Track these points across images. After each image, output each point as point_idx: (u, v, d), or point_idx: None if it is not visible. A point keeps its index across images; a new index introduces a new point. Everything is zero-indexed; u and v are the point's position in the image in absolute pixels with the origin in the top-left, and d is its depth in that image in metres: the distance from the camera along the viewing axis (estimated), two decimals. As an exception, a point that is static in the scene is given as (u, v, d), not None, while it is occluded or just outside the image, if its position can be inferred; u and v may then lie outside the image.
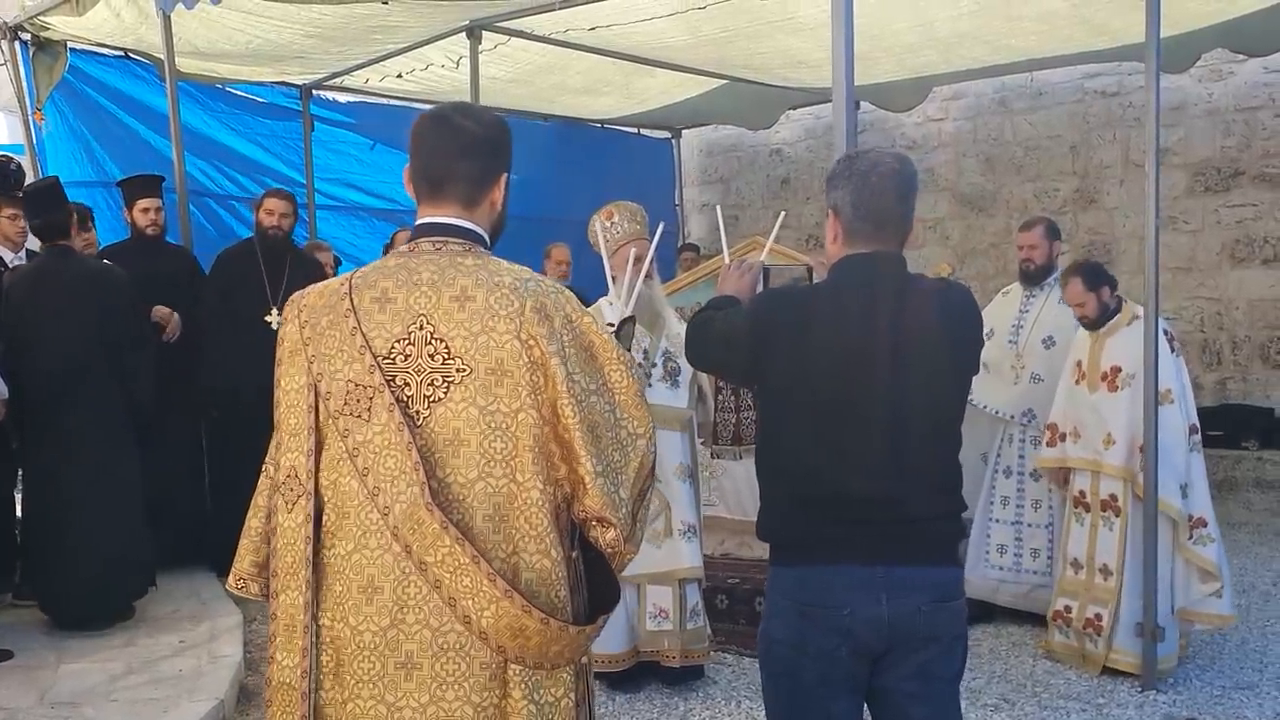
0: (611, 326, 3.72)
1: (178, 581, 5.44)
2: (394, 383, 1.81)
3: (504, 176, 1.96)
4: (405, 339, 1.83)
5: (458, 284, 1.83)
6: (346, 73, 7.57)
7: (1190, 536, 4.37)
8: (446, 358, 1.81)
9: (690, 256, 8.55)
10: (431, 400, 1.81)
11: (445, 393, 1.81)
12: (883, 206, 2.28)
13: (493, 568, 1.75)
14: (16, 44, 6.34)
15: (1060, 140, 8.67)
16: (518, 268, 1.90)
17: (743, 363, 2.41)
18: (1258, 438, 7.50)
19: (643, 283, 4.06)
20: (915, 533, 2.24)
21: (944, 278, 3.25)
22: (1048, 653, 4.75)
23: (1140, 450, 4.34)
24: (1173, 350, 4.48)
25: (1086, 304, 4.58)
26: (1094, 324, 4.61)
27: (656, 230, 4.28)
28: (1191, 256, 8.13)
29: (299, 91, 7.85)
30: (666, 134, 10.48)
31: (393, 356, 1.82)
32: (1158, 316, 4.30)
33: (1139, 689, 4.35)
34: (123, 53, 6.84)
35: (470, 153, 1.91)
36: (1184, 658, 4.59)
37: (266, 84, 7.69)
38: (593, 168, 9.11)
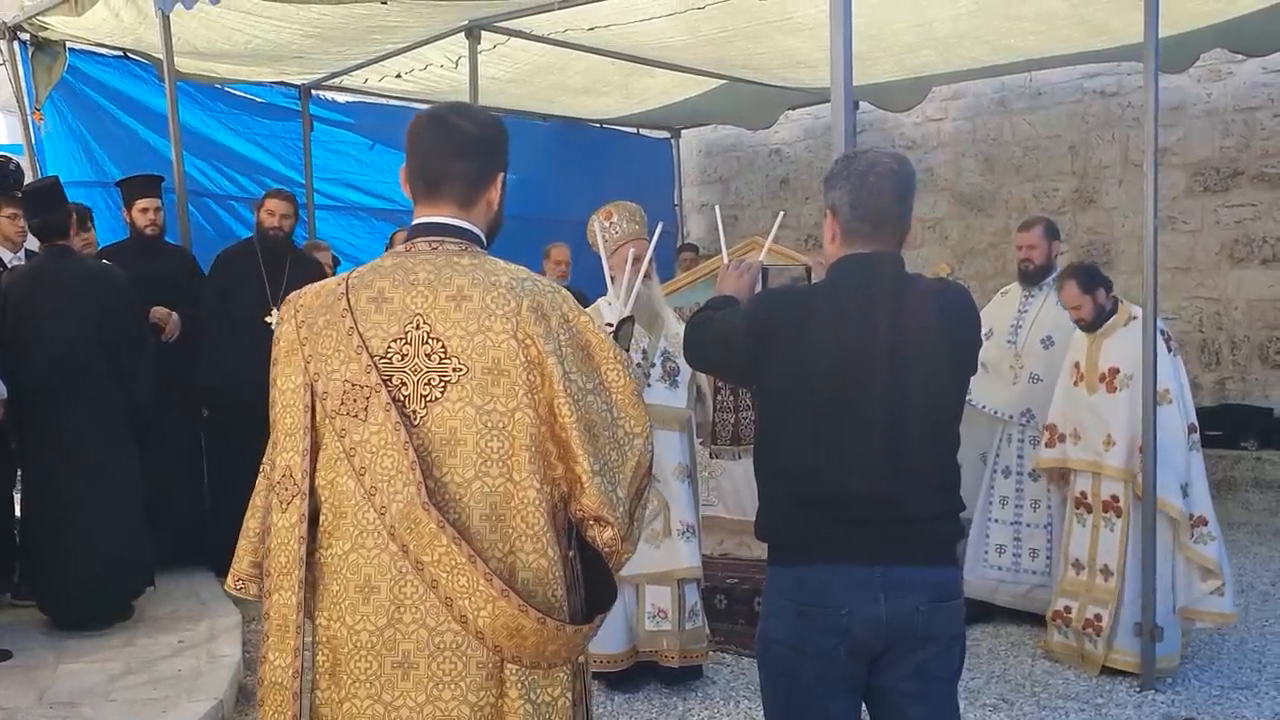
0: (610, 326, 3.72)
1: (177, 581, 5.44)
2: (391, 382, 1.82)
3: (500, 176, 1.97)
4: (402, 338, 1.83)
5: (454, 283, 1.83)
6: (345, 73, 7.57)
7: (1191, 535, 4.38)
8: (443, 357, 1.81)
9: (689, 256, 8.54)
10: (428, 400, 1.81)
11: (442, 392, 1.81)
12: (881, 206, 2.28)
13: (489, 567, 1.75)
14: (15, 44, 6.33)
15: (1059, 140, 8.67)
16: (514, 267, 1.90)
17: (741, 363, 2.40)
18: (1256, 438, 7.50)
19: (641, 283, 4.06)
20: (913, 533, 2.24)
21: (942, 278, 3.25)
22: (1047, 653, 4.75)
23: (1140, 451, 4.35)
24: (1169, 350, 4.49)
25: (1082, 306, 4.58)
26: (1091, 326, 4.61)
27: (655, 230, 4.28)
28: (1190, 256, 8.13)
29: (298, 91, 7.85)
30: (665, 134, 10.48)
31: (389, 356, 1.83)
32: (1156, 317, 4.30)
33: (1138, 689, 4.35)
34: (122, 53, 6.84)
35: (466, 153, 1.91)
36: (1183, 657, 4.59)
37: (265, 84, 7.69)
38: (592, 168, 9.10)
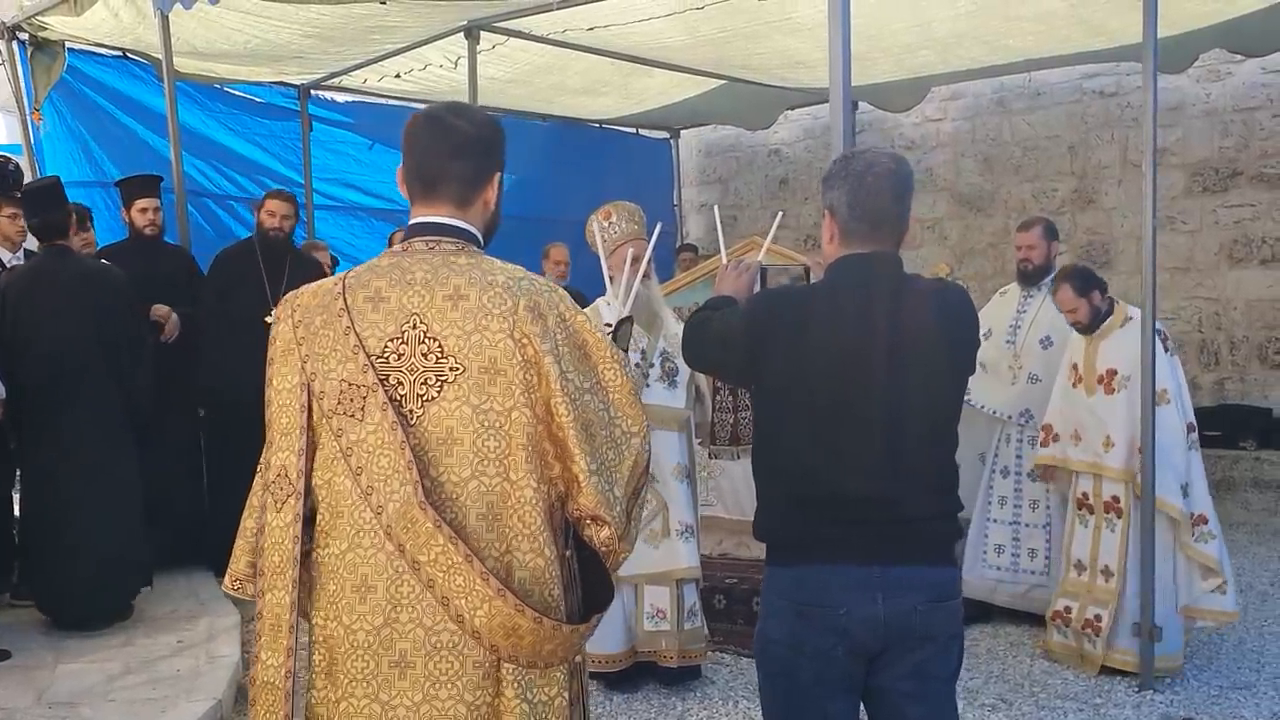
0: (609, 327, 3.73)
1: (176, 581, 5.44)
2: (387, 382, 1.81)
3: (497, 176, 1.97)
4: (399, 338, 1.83)
5: (451, 283, 1.83)
6: (345, 73, 7.57)
7: (1192, 534, 4.39)
8: (440, 356, 1.81)
9: (689, 257, 8.53)
10: (425, 399, 1.81)
11: (439, 391, 1.81)
12: (879, 206, 2.28)
13: (485, 567, 1.75)
14: (14, 44, 6.33)
15: (1058, 140, 8.67)
16: (511, 266, 1.90)
17: (739, 363, 2.40)
18: (1255, 438, 7.50)
19: (640, 283, 4.05)
20: (911, 533, 2.24)
21: (940, 278, 3.25)
22: (1046, 653, 4.75)
23: (1140, 451, 4.35)
24: (1166, 350, 4.49)
25: (1078, 310, 4.59)
26: (1087, 328, 4.62)
27: (654, 230, 4.28)
28: (1189, 257, 8.13)
29: (297, 91, 7.84)
30: (665, 134, 10.48)
31: (386, 355, 1.83)
32: (1155, 317, 4.30)
33: (1136, 689, 4.35)
34: (121, 53, 6.84)
35: (463, 152, 1.91)
36: (1184, 658, 4.59)
37: (265, 84, 7.68)
38: (591, 168, 9.10)
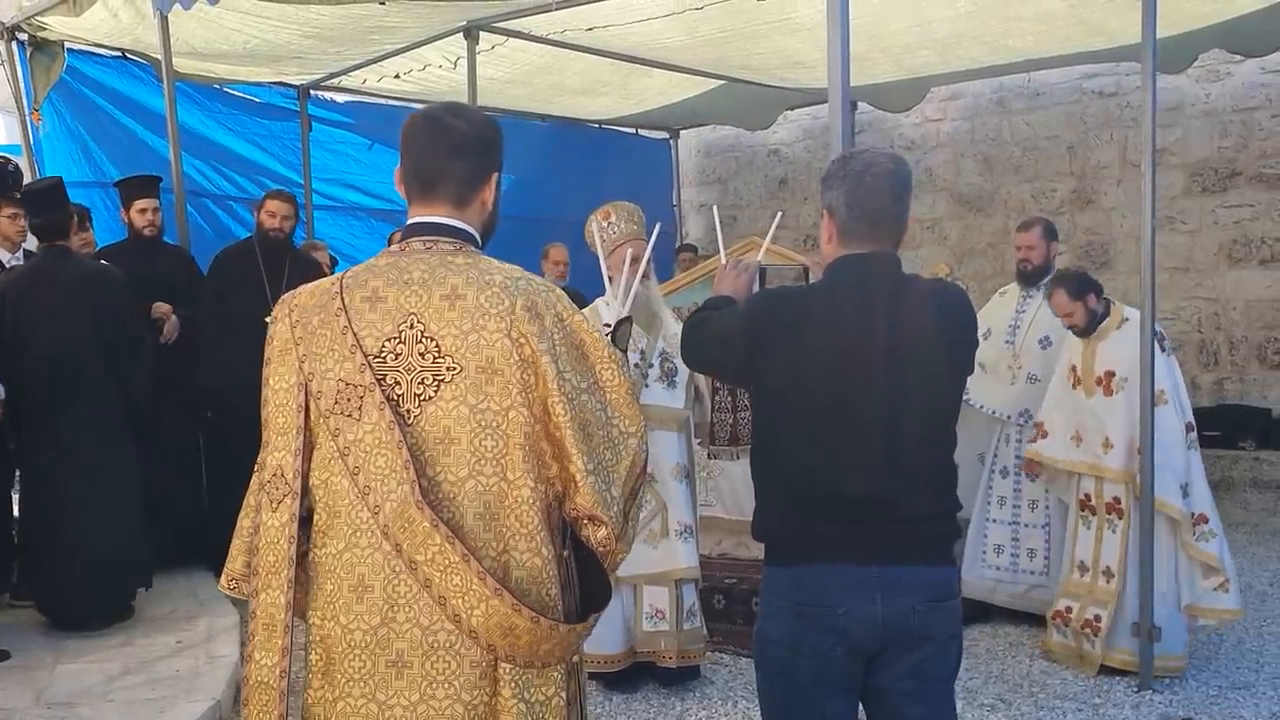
0: (608, 327, 3.73)
1: (175, 582, 5.44)
2: (385, 381, 1.81)
3: (495, 176, 1.97)
4: (396, 338, 1.83)
5: (448, 283, 1.83)
6: (344, 73, 7.56)
7: (1193, 534, 4.40)
8: (437, 356, 1.81)
9: (688, 257, 8.53)
10: (422, 399, 1.81)
11: (436, 391, 1.81)
12: (877, 207, 2.28)
13: (482, 566, 1.75)
14: (14, 44, 6.33)
15: (1058, 140, 8.67)
16: (508, 266, 1.90)
17: (738, 363, 2.40)
18: (1254, 438, 7.50)
19: (640, 283, 4.05)
20: (910, 533, 2.24)
21: (939, 278, 3.25)
22: (1045, 653, 4.75)
23: (1139, 452, 4.36)
24: (1163, 350, 4.49)
25: (1074, 313, 4.60)
26: (1084, 331, 4.63)
27: (653, 231, 4.28)
28: (1189, 257, 8.14)
29: (296, 92, 7.84)
30: (664, 134, 10.48)
31: (383, 355, 1.83)
32: (1154, 318, 4.30)
33: (1135, 689, 4.35)
34: (120, 53, 6.83)
35: (461, 152, 1.91)
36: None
37: (264, 84, 7.68)
38: (590, 168, 9.11)
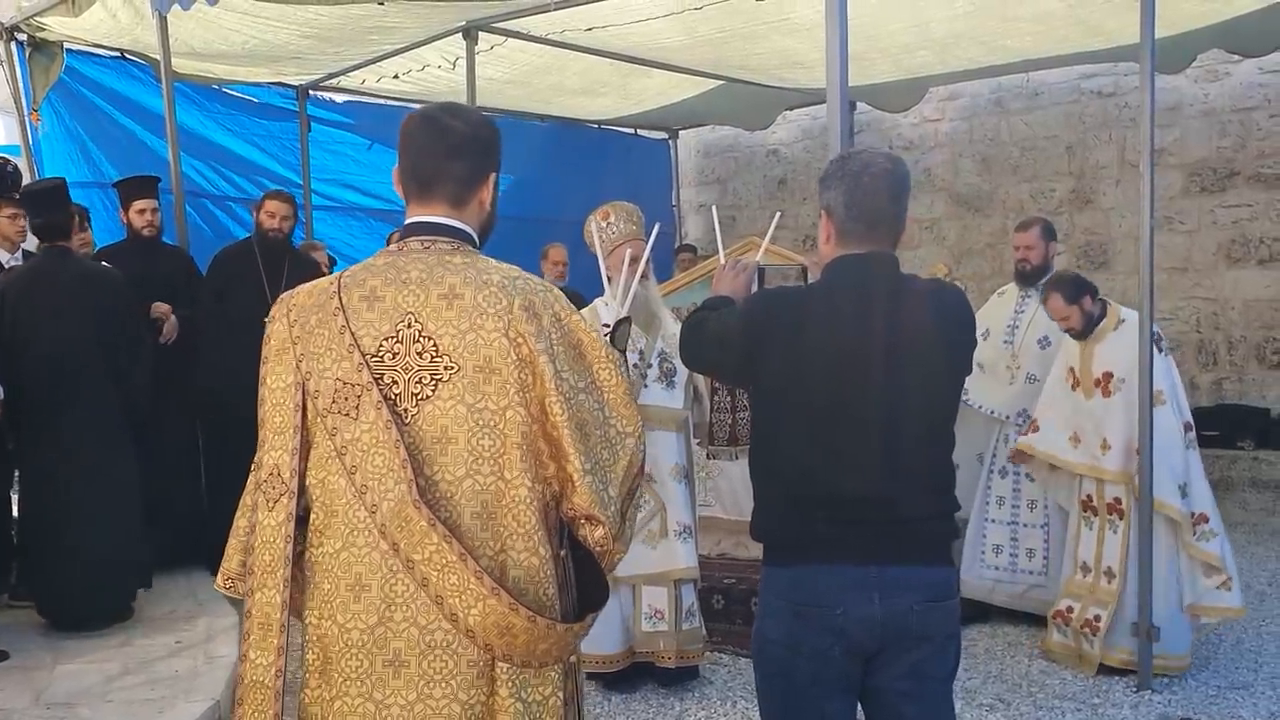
0: (607, 327, 3.73)
1: (175, 582, 5.44)
2: (382, 381, 1.81)
3: (493, 176, 1.97)
4: (393, 337, 1.83)
5: (446, 282, 1.83)
6: (343, 73, 7.56)
7: (1194, 534, 4.40)
8: (434, 355, 1.81)
9: (687, 257, 8.53)
10: (420, 398, 1.81)
11: (433, 390, 1.81)
12: (875, 207, 2.28)
13: (480, 565, 1.75)
14: (13, 44, 6.33)
15: (1056, 140, 8.67)
16: (506, 266, 1.90)
17: (736, 363, 2.40)
18: (1253, 438, 7.51)
19: (639, 283, 4.05)
20: (908, 533, 2.24)
21: (937, 278, 3.26)
22: (1045, 652, 4.75)
23: (1138, 453, 4.36)
24: (1160, 350, 4.49)
25: (1070, 317, 4.60)
26: (1081, 334, 4.64)
27: (652, 231, 4.28)
28: (1187, 257, 8.14)
29: (295, 92, 7.84)
30: (663, 135, 10.48)
31: (381, 355, 1.83)
32: (1152, 318, 4.31)
33: (1134, 689, 4.35)
34: (119, 53, 6.84)
35: (459, 153, 1.92)
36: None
37: (263, 84, 7.68)
38: (589, 168, 9.11)
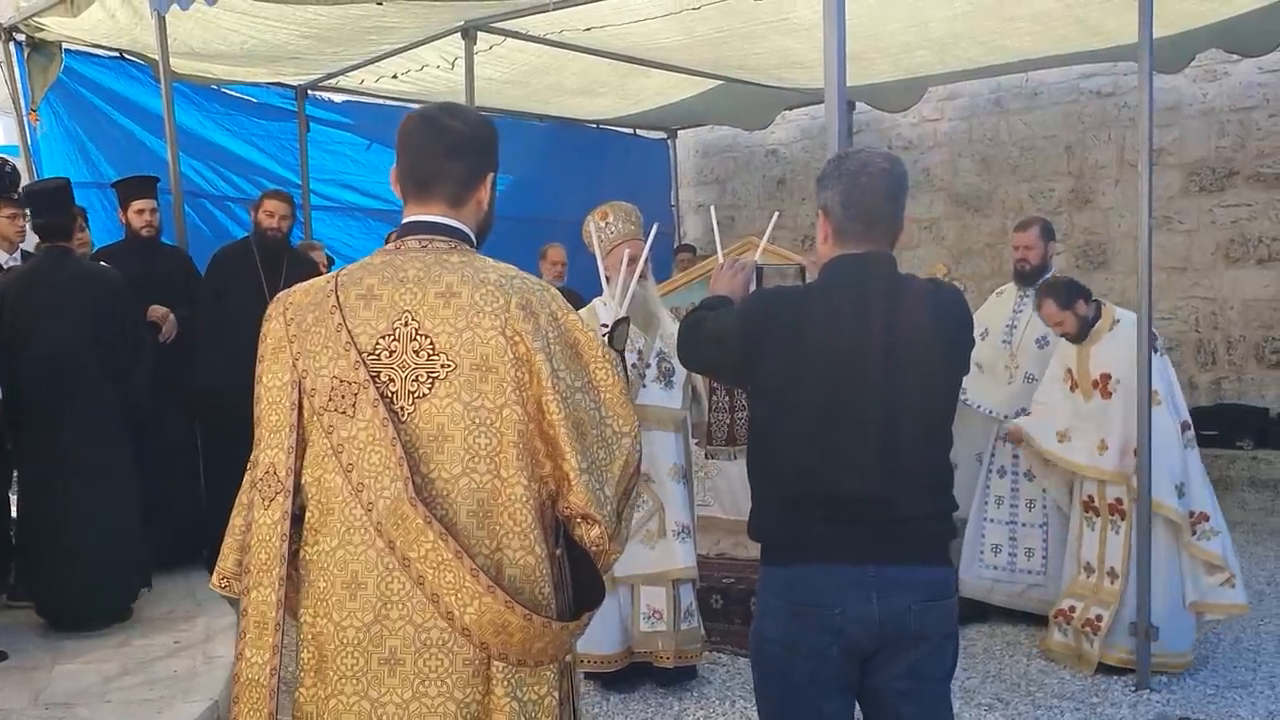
0: (606, 327, 3.73)
1: (173, 582, 5.44)
2: (379, 379, 1.81)
3: (491, 176, 1.97)
4: (390, 335, 1.83)
5: (443, 280, 1.83)
6: (342, 73, 7.56)
7: (1194, 533, 4.40)
8: (431, 354, 1.81)
9: (686, 257, 8.54)
10: (416, 396, 1.81)
11: (430, 388, 1.81)
12: (873, 206, 2.28)
13: (475, 564, 1.74)
14: (11, 45, 6.33)
15: (1055, 140, 8.68)
16: (503, 265, 1.90)
17: (734, 363, 2.40)
18: (1252, 437, 7.51)
19: (637, 283, 4.05)
20: (906, 532, 2.24)
21: (935, 278, 3.25)
22: (1045, 652, 4.75)
23: (1136, 453, 4.36)
24: (1156, 350, 4.50)
25: (1065, 322, 4.61)
26: (1077, 338, 4.64)
27: (651, 231, 4.28)
28: (1186, 256, 8.14)
29: (294, 92, 7.84)
30: (662, 134, 10.47)
31: (378, 353, 1.82)
32: (1151, 318, 4.31)
33: (1133, 688, 4.35)
34: (118, 53, 6.83)
35: (457, 152, 1.92)
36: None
37: (261, 84, 7.68)
38: (588, 168, 9.11)
